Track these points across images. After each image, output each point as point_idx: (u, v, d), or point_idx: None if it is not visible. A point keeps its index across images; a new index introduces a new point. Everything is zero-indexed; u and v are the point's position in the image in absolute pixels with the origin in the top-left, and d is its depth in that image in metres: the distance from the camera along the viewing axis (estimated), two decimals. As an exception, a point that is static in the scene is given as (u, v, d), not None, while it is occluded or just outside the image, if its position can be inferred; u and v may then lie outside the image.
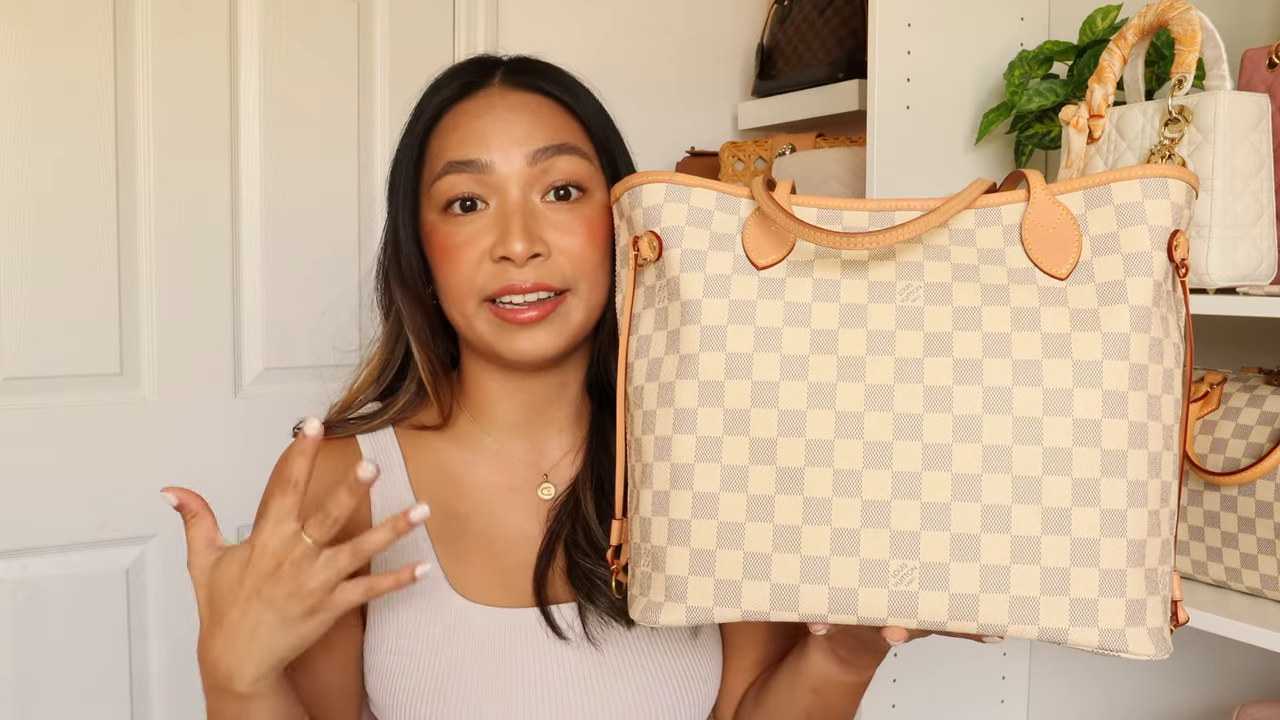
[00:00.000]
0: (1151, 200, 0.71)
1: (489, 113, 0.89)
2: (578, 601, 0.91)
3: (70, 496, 1.61)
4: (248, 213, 1.73)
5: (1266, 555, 1.01)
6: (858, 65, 1.77)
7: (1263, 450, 1.00)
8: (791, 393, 0.71)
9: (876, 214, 0.76)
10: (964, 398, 0.69)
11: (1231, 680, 1.36)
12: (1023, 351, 0.69)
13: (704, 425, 0.73)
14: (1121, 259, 0.71)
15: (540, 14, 1.94)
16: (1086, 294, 0.71)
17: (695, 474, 0.73)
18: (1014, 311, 0.70)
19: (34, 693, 1.60)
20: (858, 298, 0.72)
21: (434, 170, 0.90)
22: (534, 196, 0.88)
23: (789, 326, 0.72)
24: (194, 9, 1.66)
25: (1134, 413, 0.69)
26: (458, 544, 0.93)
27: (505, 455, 0.96)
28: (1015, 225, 0.74)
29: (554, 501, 0.95)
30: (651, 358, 0.76)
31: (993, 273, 0.72)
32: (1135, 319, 0.70)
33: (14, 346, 1.57)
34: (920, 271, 0.73)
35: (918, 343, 0.70)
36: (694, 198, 0.78)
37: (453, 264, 0.88)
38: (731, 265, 0.75)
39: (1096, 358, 0.69)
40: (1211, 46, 0.98)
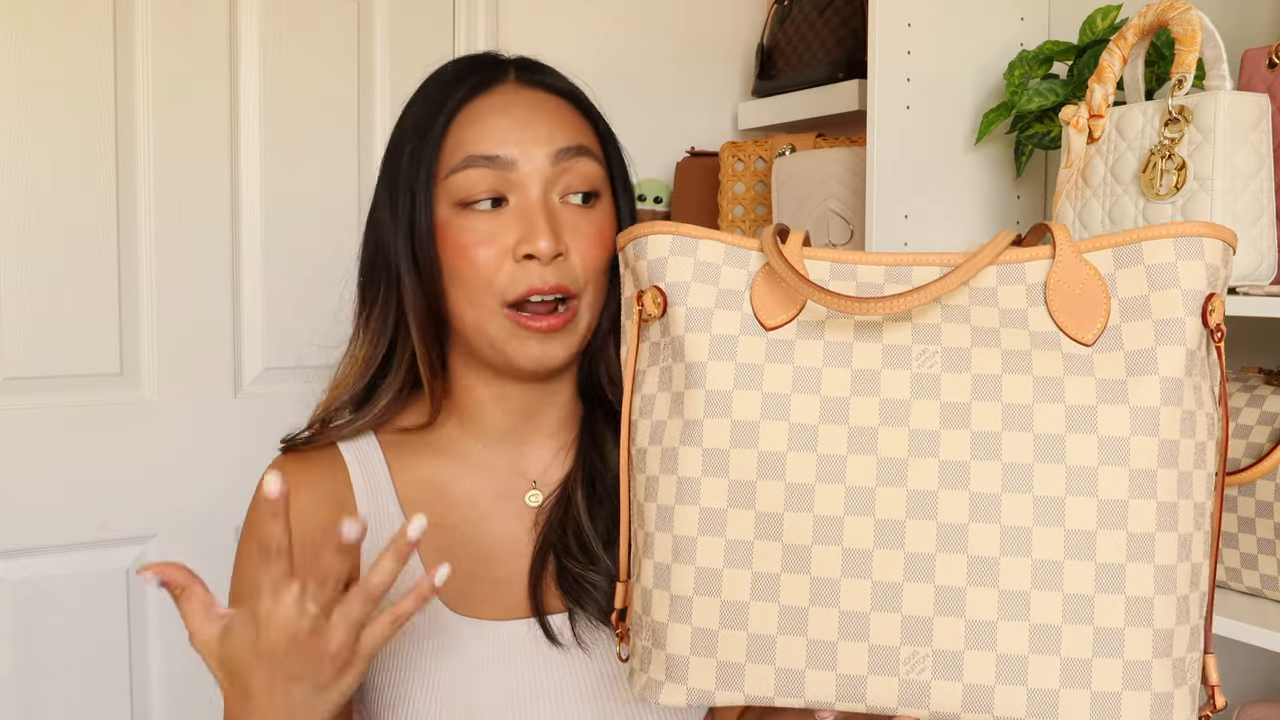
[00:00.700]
0: (1186, 261, 0.67)
1: (510, 109, 0.89)
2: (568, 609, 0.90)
3: (70, 496, 1.61)
4: (248, 213, 1.73)
5: (1266, 555, 1.01)
6: (858, 65, 1.77)
7: (1263, 450, 1.00)
8: (800, 465, 0.67)
9: (893, 269, 0.72)
10: (981, 474, 0.65)
11: (1231, 680, 1.36)
12: (1045, 425, 0.65)
13: (708, 496, 0.69)
14: (1152, 326, 0.67)
15: (540, 14, 1.94)
16: (1114, 363, 0.67)
17: (698, 548, 0.69)
18: (1036, 381, 0.66)
19: (34, 693, 1.60)
20: (871, 363, 0.68)
21: (450, 163, 0.88)
22: (553, 196, 0.88)
23: (798, 393, 0.69)
24: (194, 9, 1.66)
25: (1163, 492, 0.65)
26: (446, 556, 0.91)
27: (492, 463, 0.95)
28: (1039, 285, 0.69)
29: (543, 504, 0.94)
30: (655, 419, 0.73)
31: (1014, 337, 0.68)
32: (1166, 392, 0.66)
33: (14, 346, 1.57)
34: (938, 335, 0.69)
35: (934, 414, 0.67)
36: (701, 251, 0.74)
37: (470, 260, 0.86)
38: (739, 325, 0.71)
39: (1124, 434, 0.65)
40: (1211, 46, 0.98)
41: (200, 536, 1.67)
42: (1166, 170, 1.00)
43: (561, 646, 0.89)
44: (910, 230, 1.41)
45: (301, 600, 0.68)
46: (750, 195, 1.80)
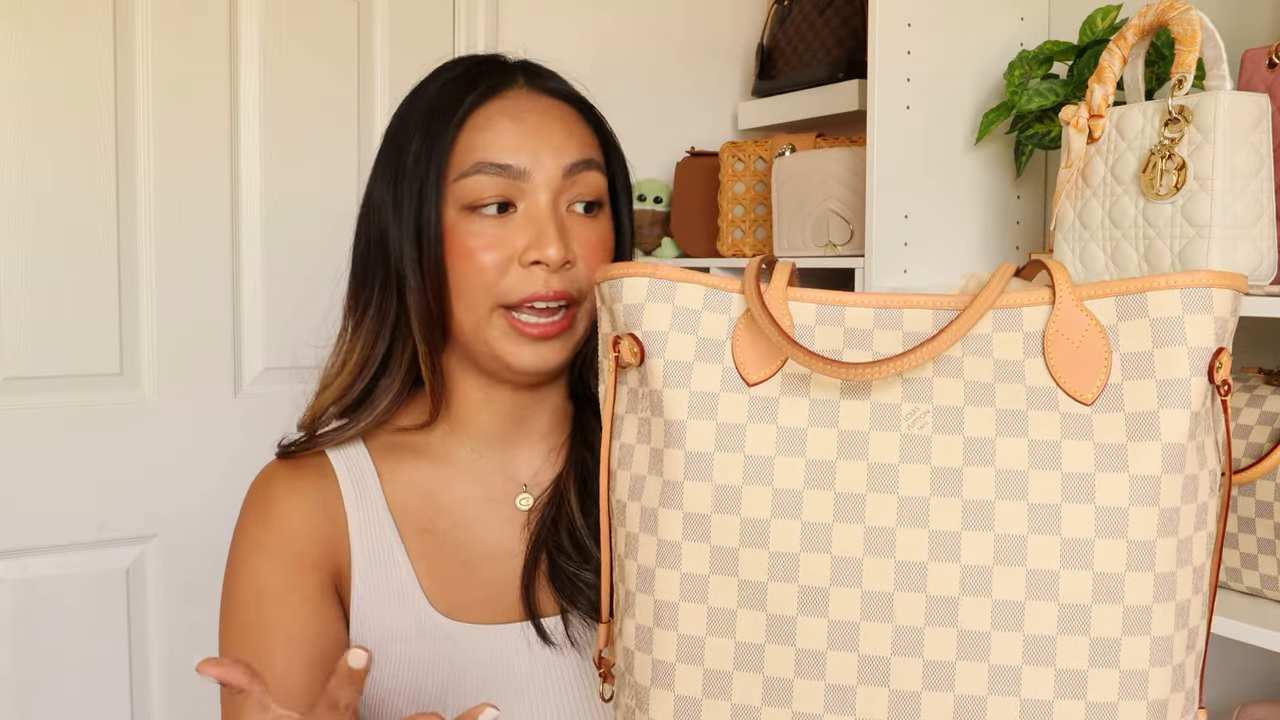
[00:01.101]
0: (1193, 315, 0.63)
1: (522, 117, 0.89)
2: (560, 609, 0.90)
3: (70, 496, 1.61)
4: (248, 213, 1.73)
5: (1266, 555, 1.01)
6: (858, 65, 1.77)
7: (1263, 450, 1.00)
8: (784, 533, 0.64)
9: (882, 311, 0.69)
10: (973, 546, 0.62)
11: (1231, 680, 1.36)
12: (1040, 494, 0.62)
13: (689, 562, 0.66)
14: (1155, 386, 0.63)
15: (540, 14, 1.94)
16: (1114, 425, 0.63)
17: (680, 614, 0.67)
18: (1032, 445, 0.63)
19: (34, 693, 1.60)
20: (858, 423, 0.65)
21: (460, 167, 0.87)
22: (561, 205, 0.89)
23: (782, 456, 0.65)
24: (194, 9, 1.66)
25: (1162, 563, 0.62)
26: (437, 562, 0.91)
27: (482, 468, 0.94)
28: (1037, 333, 0.66)
29: (535, 504, 0.93)
30: (634, 473, 0.70)
31: (1010, 394, 0.65)
32: (1168, 459, 0.62)
33: (14, 346, 1.57)
34: (929, 392, 0.65)
35: (923, 480, 0.63)
36: (679, 295, 0.70)
37: (474, 264, 0.86)
38: (720, 380, 0.68)
39: (1122, 504, 0.62)
40: (1211, 46, 0.98)
41: (200, 536, 1.68)
42: (1166, 170, 1.00)
43: (554, 646, 0.89)
44: (910, 230, 1.41)
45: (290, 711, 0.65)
46: (750, 195, 1.80)
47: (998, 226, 1.49)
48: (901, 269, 1.42)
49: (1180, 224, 1.00)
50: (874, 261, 1.40)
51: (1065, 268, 0.67)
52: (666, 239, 1.95)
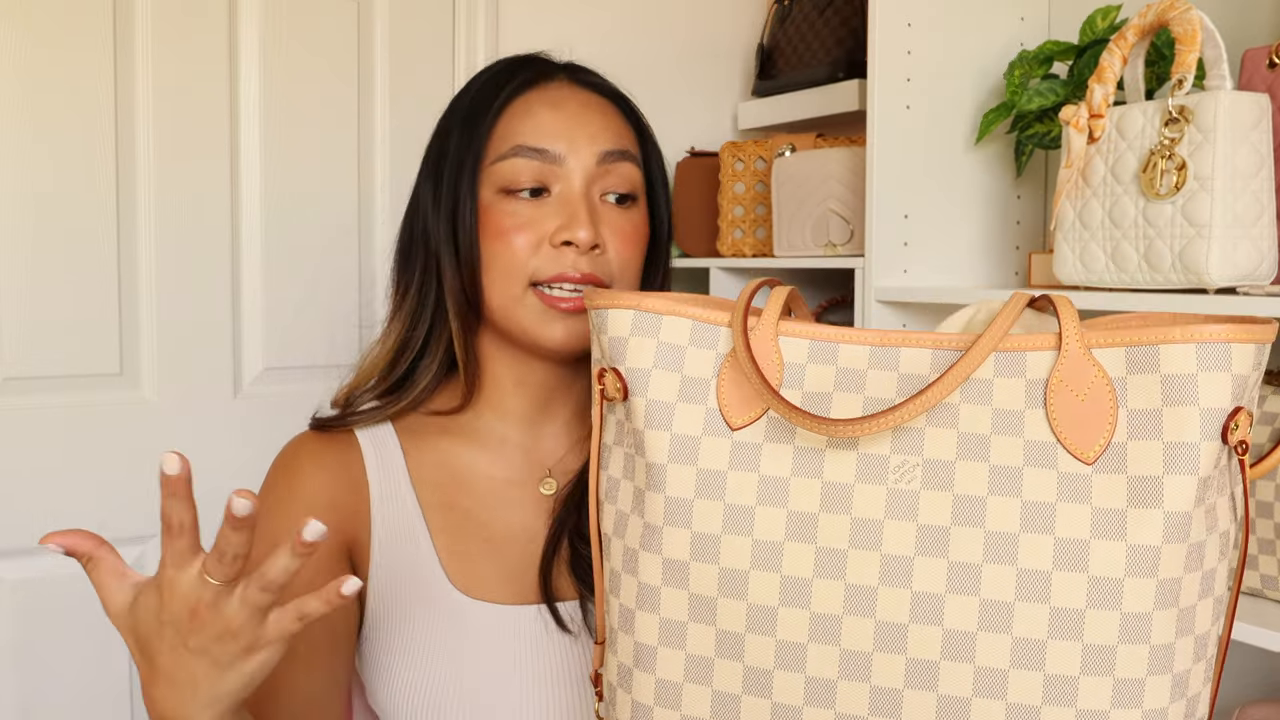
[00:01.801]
0: (1208, 374, 0.59)
1: (562, 104, 0.92)
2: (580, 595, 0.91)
3: (70, 496, 1.61)
4: (248, 213, 1.73)
5: (1266, 555, 1.01)
6: (858, 65, 1.77)
7: (1263, 450, 1.00)
8: (762, 586, 0.63)
9: (878, 350, 0.65)
10: (956, 610, 0.60)
11: (1231, 680, 1.36)
12: (1030, 560, 0.59)
13: (668, 607, 0.65)
14: (1162, 449, 0.59)
15: (540, 14, 1.94)
16: (1115, 488, 0.59)
17: (658, 659, 0.66)
18: (1025, 506, 0.60)
19: (34, 693, 1.60)
20: (843, 475, 0.62)
21: (499, 150, 0.91)
22: (594, 193, 0.91)
23: (763, 506, 0.63)
24: (194, 10, 1.66)
25: (1158, 635, 0.59)
26: (458, 539, 0.92)
27: (508, 450, 0.96)
28: (1040, 382, 0.62)
29: (559, 493, 0.95)
30: (619, 509, 0.69)
31: (1006, 447, 0.61)
32: (1169, 529, 0.59)
33: (14, 346, 1.57)
34: (920, 444, 0.62)
35: (909, 538, 0.61)
36: (665, 330, 0.67)
37: (507, 243, 0.89)
38: (702, 424, 0.65)
39: (1118, 575, 0.58)
40: (1211, 46, 0.98)
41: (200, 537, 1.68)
42: (1167, 170, 1.00)
43: (571, 634, 0.89)
44: (910, 230, 1.41)
45: (202, 577, 0.68)
46: (750, 195, 1.80)
47: (998, 226, 1.49)
48: (901, 269, 1.42)
49: (1180, 224, 1.00)
50: (874, 261, 1.40)
51: (1073, 307, 0.63)
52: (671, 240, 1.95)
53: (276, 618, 0.69)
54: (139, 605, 0.69)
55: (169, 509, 0.67)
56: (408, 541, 0.92)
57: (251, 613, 0.68)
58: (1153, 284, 1.03)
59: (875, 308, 1.40)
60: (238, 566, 0.67)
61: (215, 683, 0.69)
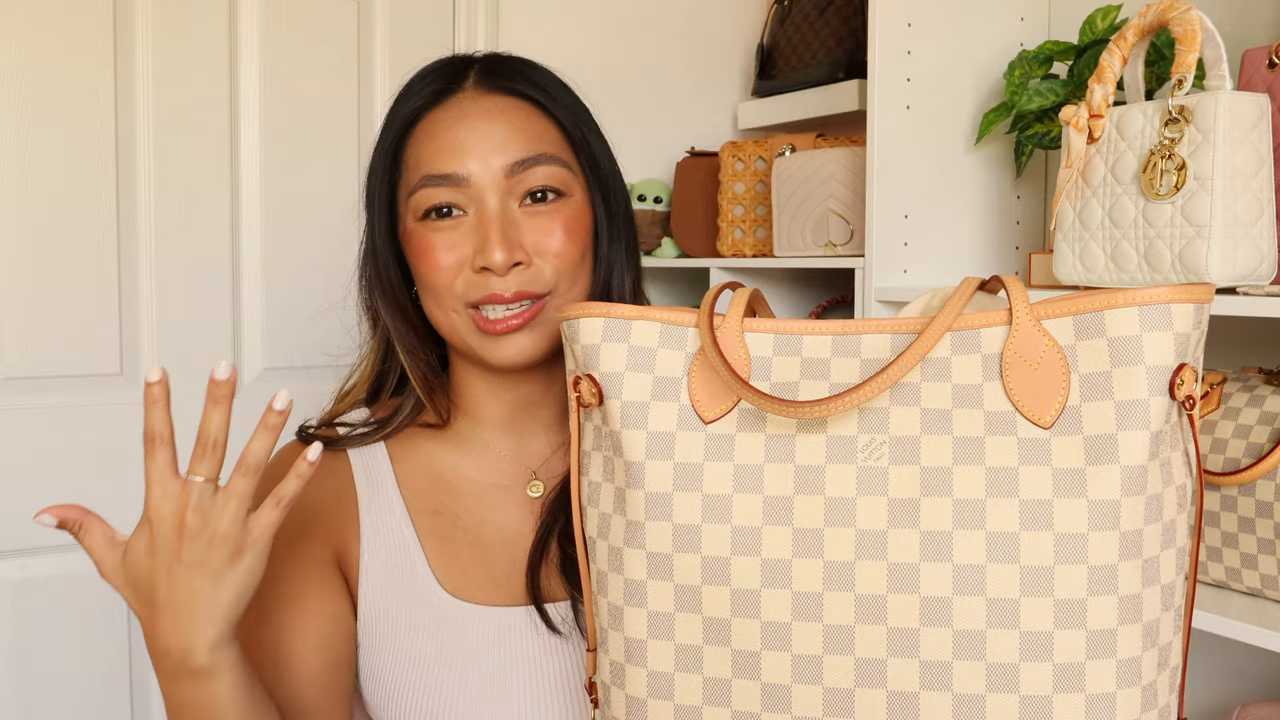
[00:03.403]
0: (1151, 334, 0.62)
1: (463, 122, 0.89)
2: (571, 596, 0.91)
3: (70, 496, 1.61)
4: (248, 213, 1.73)
5: (1266, 555, 1.01)
6: (858, 65, 1.77)
7: (1263, 450, 1.00)
8: (744, 570, 0.65)
9: (840, 338, 0.68)
10: (931, 577, 0.62)
11: (1231, 680, 1.36)
12: (998, 522, 0.62)
13: (655, 600, 0.67)
14: (1114, 408, 0.62)
15: (540, 14, 1.94)
16: (1072, 448, 0.63)
17: (649, 651, 0.68)
18: (989, 473, 0.63)
19: (34, 692, 1.60)
20: (814, 458, 0.65)
21: (410, 183, 0.89)
22: (511, 204, 0.88)
23: (739, 493, 0.66)
24: (194, 9, 1.66)
25: (1125, 585, 0.62)
26: (446, 542, 0.92)
27: (493, 454, 0.96)
28: (995, 355, 0.65)
29: (546, 496, 0.95)
30: (602, 511, 0.71)
31: (967, 420, 0.64)
32: (1127, 482, 0.62)
33: (14, 346, 1.57)
34: (885, 422, 0.65)
35: (881, 512, 0.63)
36: (635, 334, 0.70)
37: (434, 267, 0.88)
38: (676, 419, 0.68)
39: (1081, 530, 0.61)
40: (1211, 46, 0.98)
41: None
42: (1166, 170, 1.00)
43: (561, 634, 0.89)
44: (910, 230, 1.41)
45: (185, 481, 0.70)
46: (750, 195, 1.80)
47: (998, 226, 1.49)
48: (901, 269, 1.42)
49: (1180, 224, 1.00)
50: (874, 261, 1.40)
51: (1022, 285, 0.66)
52: (666, 239, 1.95)
53: (258, 515, 0.72)
54: (129, 554, 0.73)
55: (151, 419, 0.70)
56: (396, 547, 0.92)
57: (236, 506, 0.71)
58: (1152, 284, 1.04)
59: (875, 308, 1.40)
60: (218, 456, 0.70)
61: (211, 595, 0.72)
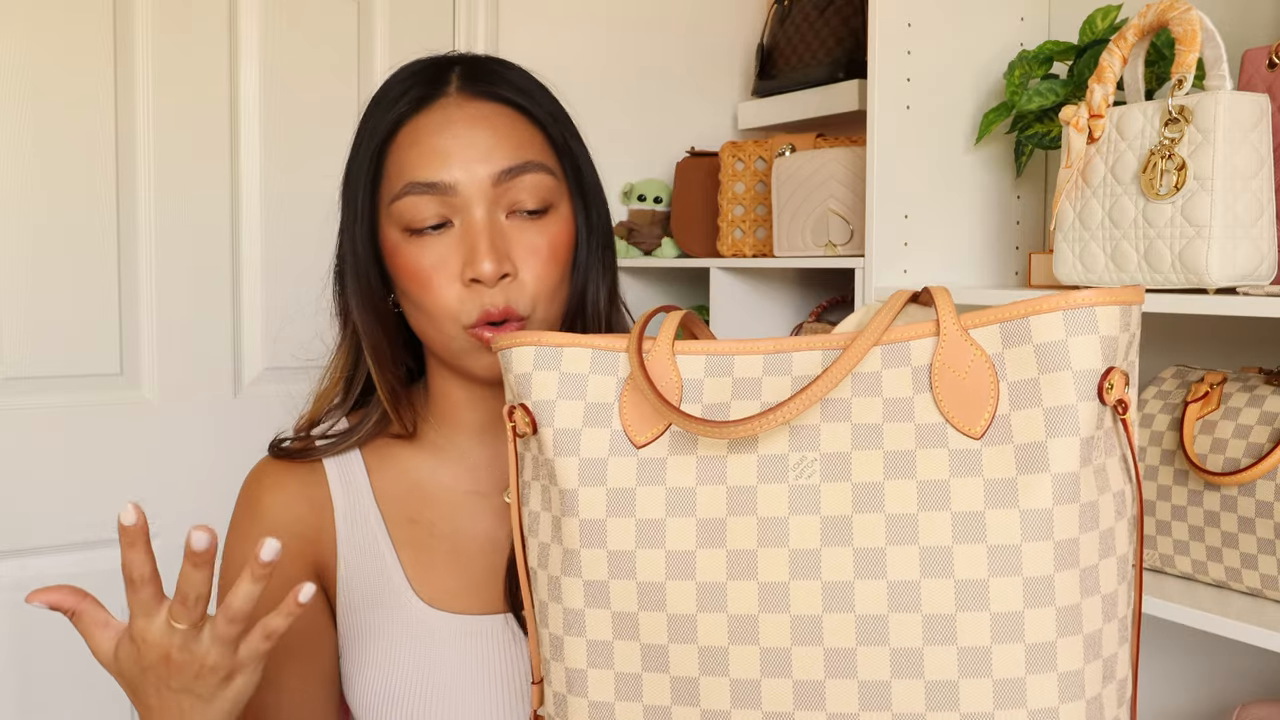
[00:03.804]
0: (1077, 338, 0.61)
1: (448, 128, 0.86)
2: None
3: (70, 496, 1.61)
4: (248, 213, 1.73)
5: (1266, 555, 1.01)
6: (858, 65, 1.77)
7: (1263, 450, 1.00)
8: (680, 595, 0.64)
9: (771, 357, 0.68)
10: (866, 594, 0.61)
11: (1231, 680, 1.36)
12: (930, 537, 0.61)
13: (593, 629, 0.67)
14: (1043, 415, 0.61)
15: (540, 14, 1.94)
16: (1003, 458, 0.61)
17: (589, 681, 0.67)
18: (920, 486, 0.62)
19: (34, 693, 1.60)
20: (746, 478, 0.64)
21: (393, 189, 0.87)
22: (498, 214, 0.86)
23: (672, 517, 0.65)
24: (194, 9, 1.66)
25: (1063, 596, 0.61)
26: (422, 551, 0.92)
27: (470, 461, 0.95)
28: (925, 367, 0.64)
29: None
30: (541, 540, 0.71)
31: (898, 433, 0.63)
32: (1059, 490, 0.61)
33: (14, 346, 1.57)
34: (816, 439, 0.64)
35: (813, 531, 0.62)
36: (566, 361, 0.70)
37: (426, 287, 0.86)
38: (608, 445, 0.67)
39: (1014, 541, 0.60)
40: (1211, 46, 0.98)
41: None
42: (1166, 170, 1.00)
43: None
44: (910, 230, 1.42)
45: (169, 624, 0.70)
46: (750, 195, 1.80)
47: (998, 226, 1.49)
48: (901, 269, 1.42)
49: (1180, 224, 1.00)
50: (874, 261, 1.40)
51: (949, 294, 0.65)
52: (666, 239, 1.95)
53: (247, 644, 0.72)
54: (121, 653, 0.72)
55: (129, 560, 0.70)
56: (372, 557, 0.91)
57: (223, 647, 0.71)
58: (1152, 284, 1.04)
59: (875, 308, 1.40)
60: (201, 608, 0.69)
61: (203, 712, 0.73)
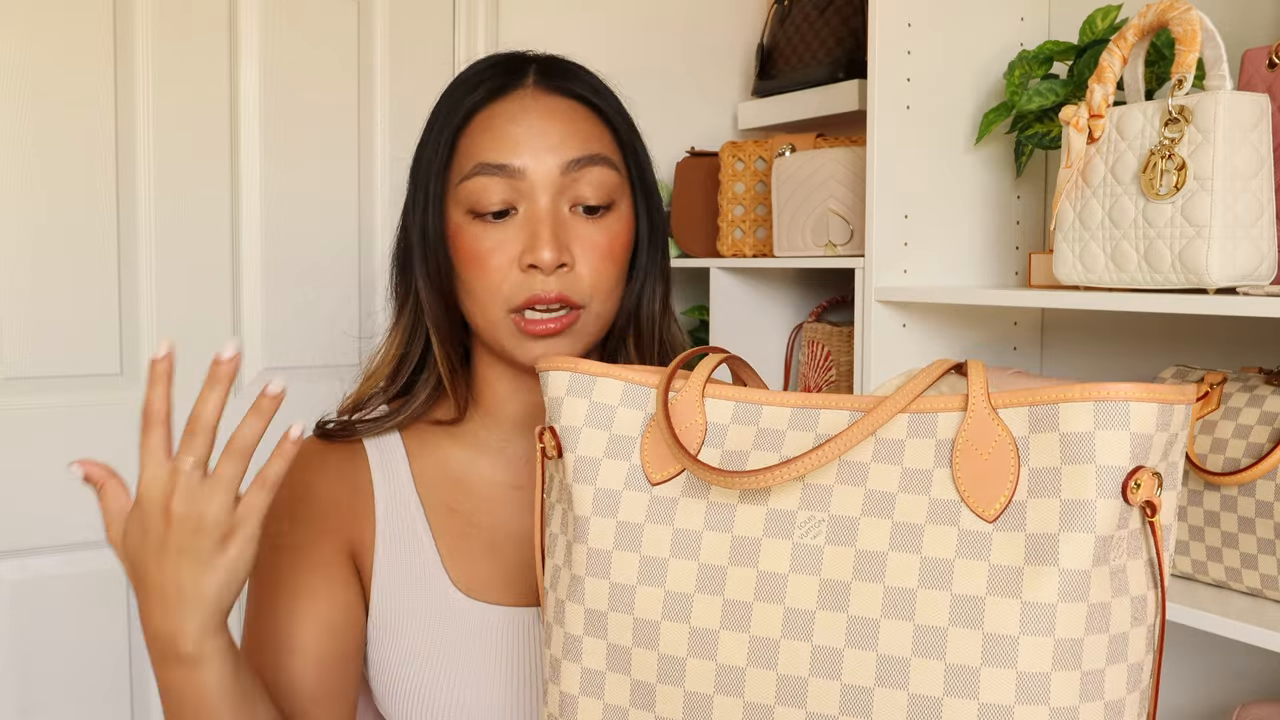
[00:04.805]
0: (1105, 431, 0.58)
1: (523, 116, 0.89)
2: None
3: (70, 496, 1.61)
4: (248, 213, 1.73)
5: (1266, 555, 1.01)
6: (858, 65, 1.77)
7: (1263, 450, 1.00)
8: (672, 636, 0.64)
9: (799, 411, 0.67)
10: (855, 664, 0.60)
11: (1231, 680, 1.36)
12: (927, 615, 0.59)
13: (589, 657, 0.67)
14: (1059, 506, 0.59)
15: (540, 13, 1.94)
16: (1013, 545, 0.59)
17: (579, 708, 0.68)
18: (924, 563, 0.60)
19: (34, 692, 1.60)
20: (752, 530, 0.64)
21: (463, 169, 0.89)
22: (563, 205, 0.88)
23: (675, 559, 0.65)
24: (194, 10, 1.66)
25: (1059, 697, 0.58)
26: (460, 540, 0.93)
27: (510, 454, 0.96)
28: (949, 441, 0.62)
29: None
30: (555, 563, 0.71)
31: (911, 505, 0.62)
32: (1066, 587, 0.58)
33: (14, 346, 1.57)
34: (827, 500, 0.63)
35: (811, 592, 0.62)
36: (598, 391, 0.70)
37: (480, 270, 0.88)
38: (624, 479, 0.68)
39: (1012, 633, 0.58)
40: (1211, 46, 0.98)
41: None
42: (1166, 170, 1.00)
43: None
44: (910, 230, 1.42)
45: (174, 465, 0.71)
46: (750, 195, 1.80)
47: (998, 226, 1.49)
48: (901, 269, 1.42)
49: (1180, 224, 1.00)
50: (874, 261, 1.40)
51: (984, 369, 0.64)
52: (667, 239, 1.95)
53: (246, 499, 0.73)
54: (126, 533, 0.74)
55: (153, 396, 0.71)
56: (410, 543, 0.92)
57: (225, 491, 0.71)
58: (1152, 284, 1.04)
59: (875, 308, 1.40)
60: (209, 439, 0.71)
61: (197, 582, 0.72)
